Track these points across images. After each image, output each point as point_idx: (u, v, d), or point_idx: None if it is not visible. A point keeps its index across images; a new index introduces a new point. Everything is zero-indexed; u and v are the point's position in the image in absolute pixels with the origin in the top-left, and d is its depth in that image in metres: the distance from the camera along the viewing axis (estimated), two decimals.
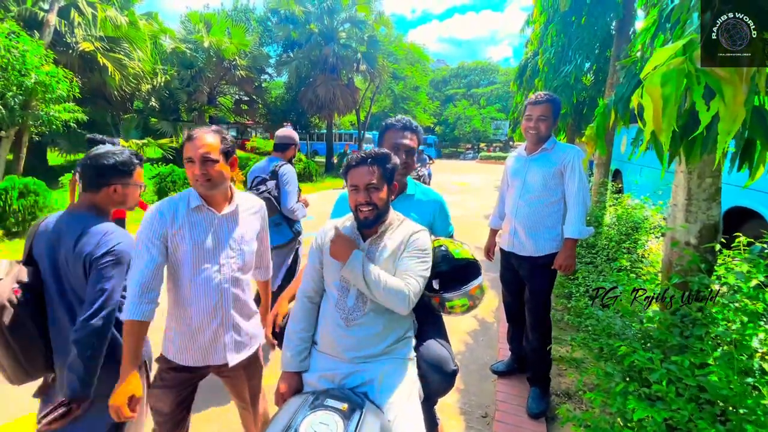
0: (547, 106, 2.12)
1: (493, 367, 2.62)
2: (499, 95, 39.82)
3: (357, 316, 1.29)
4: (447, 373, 1.34)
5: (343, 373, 1.26)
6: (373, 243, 1.34)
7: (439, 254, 1.45)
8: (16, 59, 5.93)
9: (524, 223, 2.21)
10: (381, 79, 18.19)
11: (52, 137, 10.63)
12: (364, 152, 1.31)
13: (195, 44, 14.57)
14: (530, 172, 2.21)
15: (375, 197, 1.28)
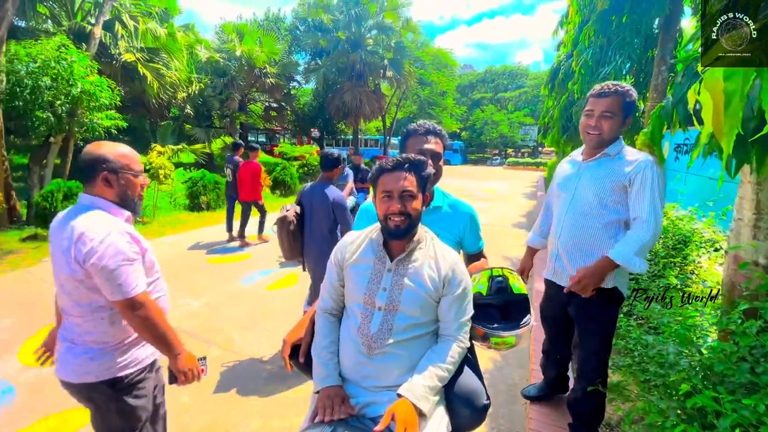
0: (615, 99, 1.61)
1: (524, 391, 2.35)
2: (528, 100, 38.93)
3: (380, 345, 1.17)
4: (478, 408, 1.21)
5: (363, 402, 1.16)
6: (401, 263, 1.22)
7: (495, 286, 1.34)
8: (65, 70, 6.27)
9: (567, 248, 1.77)
10: (407, 85, 18.16)
11: None
12: (399, 157, 1.21)
13: (228, 53, 15.07)
14: (582, 183, 1.74)
15: (409, 206, 1.18)
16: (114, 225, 1.24)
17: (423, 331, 1.22)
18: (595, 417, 1.85)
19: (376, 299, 1.20)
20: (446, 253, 1.26)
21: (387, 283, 1.20)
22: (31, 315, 3.34)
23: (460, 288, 1.22)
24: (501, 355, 2.93)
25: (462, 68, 42.46)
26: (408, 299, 1.18)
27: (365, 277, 1.22)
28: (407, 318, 1.18)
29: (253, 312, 3.54)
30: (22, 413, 2.16)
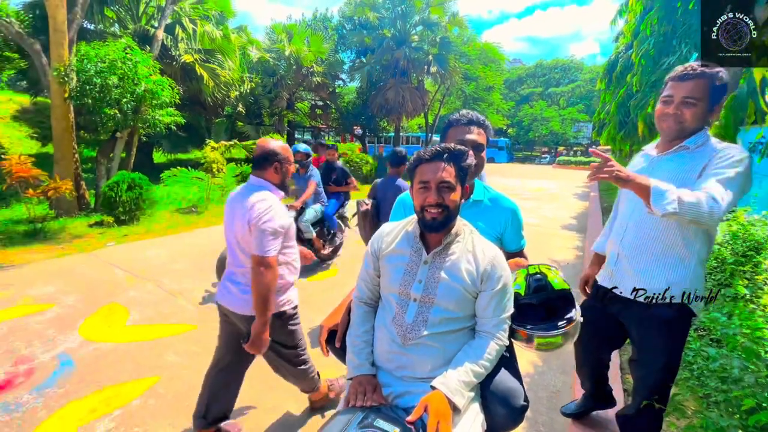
0: (700, 83, 1.37)
1: (563, 409, 2.18)
2: (582, 95, 36.77)
3: (415, 335, 1.16)
4: (515, 409, 1.15)
5: (396, 392, 1.15)
6: (438, 256, 1.19)
7: (533, 284, 1.27)
8: (130, 70, 6.81)
9: (631, 252, 1.56)
10: (452, 81, 17.86)
11: (157, 138, 12.11)
12: (438, 146, 1.17)
13: (277, 53, 15.64)
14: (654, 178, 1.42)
15: (447, 198, 1.14)
16: (276, 201, 1.70)
17: (459, 326, 1.19)
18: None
19: (411, 291, 1.18)
20: (486, 247, 1.21)
21: (423, 275, 1.18)
22: (93, 294, 3.68)
23: (499, 284, 1.17)
24: (542, 360, 2.80)
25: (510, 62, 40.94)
26: (444, 292, 1.16)
27: (401, 268, 1.21)
28: (442, 311, 1.16)
29: (299, 300, 3.65)
30: (79, 385, 2.37)
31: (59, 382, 2.38)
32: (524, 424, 2.12)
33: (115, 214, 6.37)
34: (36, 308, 3.33)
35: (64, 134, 6.83)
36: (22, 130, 11.90)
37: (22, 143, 11.31)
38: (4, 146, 10.48)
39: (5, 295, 3.58)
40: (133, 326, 3.08)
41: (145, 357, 2.66)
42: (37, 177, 5.78)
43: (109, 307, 3.41)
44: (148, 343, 2.84)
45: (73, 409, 2.15)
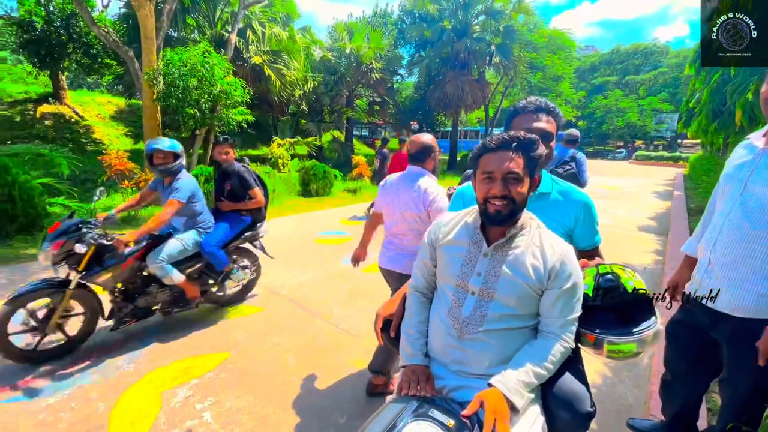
0: None
1: (631, 421, 1.98)
2: (666, 83, 33.05)
3: (472, 330, 1.12)
4: (580, 414, 1.06)
5: (451, 386, 1.12)
6: (500, 249, 1.13)
7: (604, 284, 1.17)
8: (208, 72, 7.43)
9: (723, 261, 1.37)
10: (515, 71, 17.04)
11: (230, 136, 13.11)
12: (506, 135, 1.10)
13: (338, 51, 16.08)
14: (759, 174, 1.30)
15: (514, 190, 1.07)
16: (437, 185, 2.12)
17: (520, 324, 1.13)
18: None
19: (469, 283, 1.14)
20: (555, 242, 1.13)
21: (482, 268, 1.13)
22: None
23: (569, 282, 1.09)
24: (612, 370, 2.58)
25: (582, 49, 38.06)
26: (504, 287, 1.10)
27: (459, 259, 1.17)
28: (502, 307, 1.10)
29: (351, 290, 3.76)
30: (163, 354, 2.65)
31: (146, 351, 2.69)
32: None
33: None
34: None
35: (153, 132, 7.65)
36: (118, 129, 13.55)
37: (119, 140, 12.89)
38: (104, 143, 12.01)
39: None
40: (205, 307, 3.37)
41: (219, 334, 2.90)
42: (131, 170, 6.56)
43: None
44: (221, 322, 3.09)
45: (158, 376, 2.41)
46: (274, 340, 2.82)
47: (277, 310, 3.32)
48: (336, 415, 2.09)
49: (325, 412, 2.11)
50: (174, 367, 2.51)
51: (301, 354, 2.65)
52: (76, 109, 12.43)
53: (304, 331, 2.97)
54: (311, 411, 2.11)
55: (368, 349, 2.74)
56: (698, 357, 1.58)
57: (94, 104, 14.11)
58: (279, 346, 2.74)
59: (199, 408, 2.12)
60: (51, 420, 2.02)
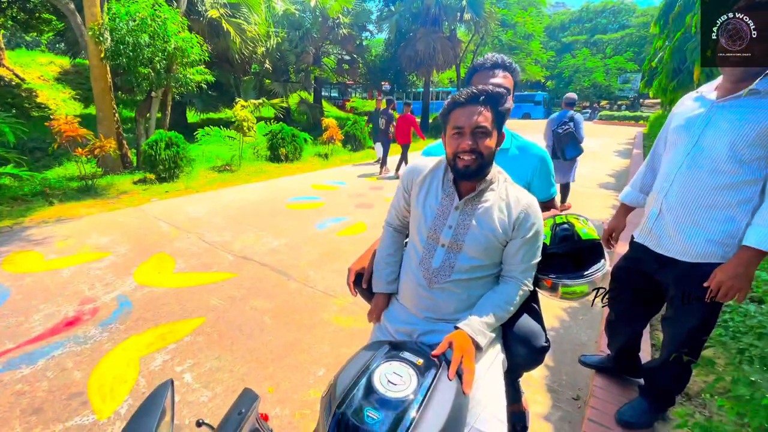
0: None
1: (582, 358, 2.18)
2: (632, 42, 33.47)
3: (441, 280, 1.19)
4: (536, 348, 1.20)
5: (421, 330, 1.21)
6: (470, 203, 1.18)
7: (560, 233, 1.27)
8: (160, 27, 6.83)
9: (676, 208, 1.44)
10: (487, 29, 16.70)
11: (189, 98, 12.32)
12: (476, 88, 1.10)
13: (303, 5, 15.10)
14: (711, 129, 1.35)
15: (482, 144, 1.09)
16: None
17: (485, 273, 1.21)
18: (675, 385, 1.65)
19: (440, 236, 1.19)
20: (520, 194, 1.19)
21: (453, 221, 1.18)
22: (143, 245, 3.98)
23: (532, 231, 1.17)
24: (569, 315, 2.82)
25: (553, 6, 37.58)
26: (472, 240, 1.16)
27: (432, 212, 1.21)
28: (470, 259, 1.18)
29: (325, 253, 3.81)
30: (138, 323, 2.63)
31: (120, 319, 2.67)
32: (547, 373, 2.19)
33: (156, 171, 6.69)
34: (94, 256, 3.66)
35: (104, 95, 7.08)
36: (65, 92, 12.40)
37: (66, 105, 11.84)
38: (50, 107, 11.03)
39: (67, 244, 3.95)
40: (179, 273, 3.34)
41: (193, 300, 2.91)
42: (84, 136, 6.10)
43: (158, 256, 3.69)
44: (195, 288, 3.09)
45: (134, 343, 2.42)
46: (251, 304, 2.86)
47: (251, 275, 3.33)
48: (315, 368, 2.20)
49: (305, 365, 2.21)
50: (149, 333, 2.52)
51: (278, 315, 2.72)
52: (16, 71, 11.21)
53: (279, 294, 3.02)
54: (291, 366, 2.21)
55: (345, 306, 2.84)
56: (639, 299, 1.72)
57: (36, 65, 12.75)
58: (255, 309, 2.79)
59: (179, 370, 2.17)
60: (28, 389, 2.01)
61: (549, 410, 1.94)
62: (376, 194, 6.43)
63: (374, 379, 0.93)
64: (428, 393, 0.91)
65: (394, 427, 0.83)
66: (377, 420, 0.84)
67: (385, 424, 0.84)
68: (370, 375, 0.94)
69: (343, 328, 2.57)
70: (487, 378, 1.09)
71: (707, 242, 1.38)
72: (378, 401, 0.88)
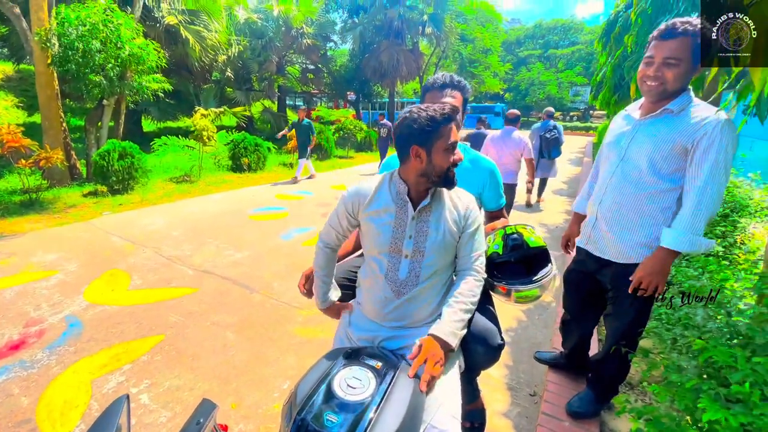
0: (683, 42, 1.32)
1: (537, 354, 2.31)
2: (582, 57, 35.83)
3: (409, 289, 1.25)
4: (492, 347, 1.28)
5: (383, 336, 1.26)
6: (423, 211, 1.25)
7: (510, 243, 1.37)
8: (113, 33, 6.55)
9: (608, 217, 1.59)
10: (448, 42, 17.33)
11: (145, 106, 11.80)
12: (442, 107, 1.17)
13: (265, 13, 14.99)
14: (635, 144, 1.51)
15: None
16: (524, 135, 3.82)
17: (444, 275, 1.30)
18: (617, 376, 1.81)
19: (402, 247, 1.25)
20: (460, 193, 1.31)
21: (412, 230, 1.24)
22: (94, 261, 3.77)
23: (475, 224, 1.29)
24: (526, 315, 2.97)
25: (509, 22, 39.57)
26: (432, 245, 1.24)
27: (389, 226, 1.25)
28: (432, 262, 1.25)
29: (290, 264, 3.78)
30: (89, 344, 2.49)
31: (69, 341, 2.51)
32: (506, 371, 2.30)
33: (108, 183, 6.35)
34: (40, 275, 3.43)
35: (50, 102, 6.67)
36: (7, 99, 11.54)
37: (8, 113, 11.01)
38: None
39: (9, 262, 3.66)
40: (135, 290, 3.19)
41: (150, 318, 2.79)
42: (28, 147, 5.71)
43: (111, 273, 3.51)
44: (152, 305, 2.97)
45: (85, 365, 2.29)
46: (212, 319, 2.79)
47: (212, 289, 3.25)
48: (279, 381, 2.18)
49: (269, 379, 2.19)
50: (102, 354, 2.39)
51: (241, 329, 2.67)
52: None
53: (242, 308, 2.96)
54: (254, 380, 2.18)
55: (310, 317, 2.84)
56: (588, 299, 1.86)
57: None
58: (217, 325, 2.73)
59: (135, 391, 2.08)
60: None
61: (508, 407, 2.04)
62: None
63: (334, 384, 0.97)
64: (386, 394, 0.96)
65: (353, 428, 0.87)
66: (336, 423, 0.88)
67: (344, 426, 0.88)
68: (329, 381, 0.98)
69: (308, 339, 2.57)
70: (445, 377, 1.16)
71: (636, 245, 1.53)
72: (338, 405, 0.92)
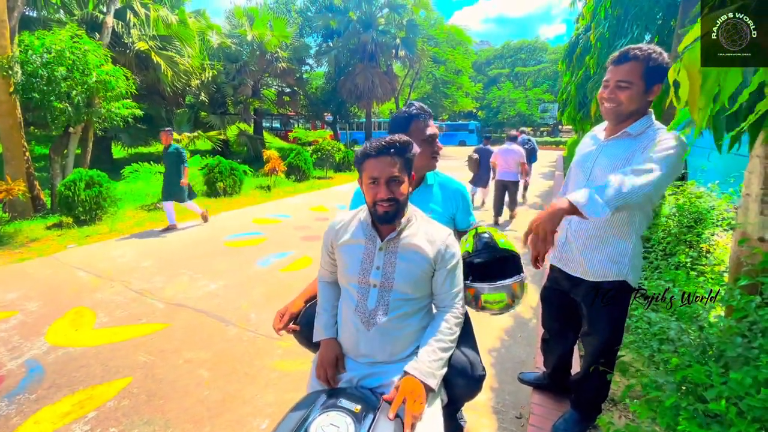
0: (634, 66, 1.39)
1: (521, 375, 2.29)
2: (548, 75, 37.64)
3: (378, 320, 1.23)
4: (473, 378, 1.26)
5: (362, 374, 1.22)
6: (392, 242, 1.26)
7: (481, 242, 1.37)
8: (80, 60, 6.40)
9: (577, 235, 1.62)
10: (420, 64, 17.89)
11: (115, 132, 11.50)
12: (384, 140, 1.19)
13: (239, 38, 15.06)
14: (598, 165, 1.55)
15: (397, 192, 1.19)
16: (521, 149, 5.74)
17: (417, 306, 1.27)
18: (598, 395, 1.80)
19: (370, 278, 1.25)
20: (436, 229, 1.30)
21: (380, 261, 1.24)
22: (57, 299, 3.55)
23: (453, 260, 1.27)
24: (508, 334, 2.97)
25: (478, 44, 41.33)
26: (401, 276, 1.23)
27: (358, 257, 1.26)
28: (401, 294, 1.23)
29: (268, 293, 3.67)
30: (50, 390, 2.31)
31: (30, 388, 2.32)
32: (491, 394, 2.27)
33: (74, 214, 6.08)
34: None
35: (12, 132, 6.40)
36: None
37: None
38: None
39: None
40: (101, 329, 3.01)
41: (117, 358, 2.63)
42: None
43: (76, 311, 3.31)
44: (119, 345, 2.79)
45: (47, 414, 2.12)
46: (184, 356, 2.65)
47: (185, 324, 3.10)
48: (258, 420, 2.07)
49: (246, 419, 2.07)
50: (65, 402, 2.22)
51: (216, 366, 2.54)
52: None
53: (217, 342, 2.83)
54: (230, 422, 2.06)
55: (290, 349, 2.73)
56: (566, 317, 1.86)
57: None
58: (190, 362, 2.59)
59: None
60: None
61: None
62: (321, 225, 6.38)
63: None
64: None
65: None
66: None
67: None
68: (306, 429, 0.93)
69: (288, 373, 2.47)
70: (426, 414, 1.12)
71: (604, 262, 1.55)
72: None
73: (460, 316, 1.28)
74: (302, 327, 1.43)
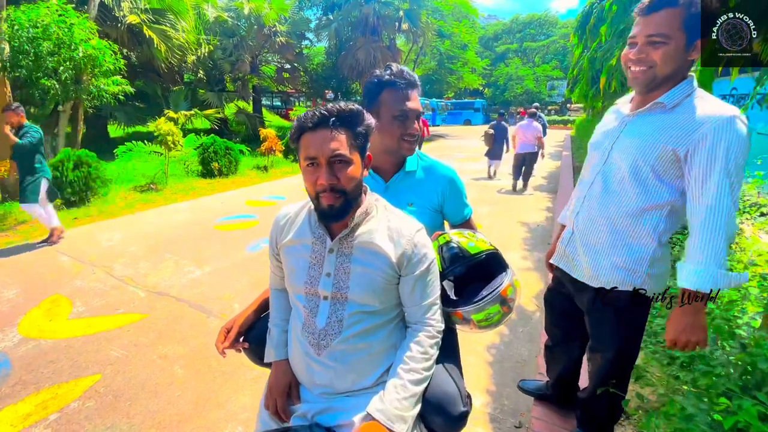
0: (671, 14, 1.04)
1: (521, 384, 2.01)
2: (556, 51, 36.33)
3: (330, 341, 0.97)
4: (453, 417, 1.00)
5: (317, 409, 0.99)
6: (345, 241, 0.99)
7: (449, 254, 1.10)
8: (66, 34, 6.07)
9: (584, 230, 1.32)
10: (425, 39, 17.15)
11: (110, 111, 11.19)
12: (325, 108, 0.91)
13: (236, 12, 14.47)
14: (619, 144, 1.23)
15: (343, 176, 0.91)
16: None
17: (380, 320, 1.01)
18: (608, 419, 1.51)
19: (319, 288, 0.99)
20: (404, 224, 1.01)
21: (331, 267, 0.98)
22: (36, 285, 3.38)
23: (424, 264, 0.99)
24: (508, 329, 2.75)
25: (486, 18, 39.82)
26: (357, 284, 0.97)
27: (305, 261, 1.00)
28: (359, 306, 0.98)
29: (255, 281, 3.47)
30: (15, 388, 2.16)
31: None
32: (488, 398, 2.07)
33: (62, 196, 5.88)
34: None
35: None
36: None
37: None
38: None
39: None
40: (75, 320, 2.84)
41: (88, 353, 2.45)
42: None
43: (52, 300, 3.14)
44: (92, 337, 2.62)
45: (8, 415, 1.96)
46: (159, 351, 2.47)
47: (165, 314, 2.91)
48: (231, 426, 1.89)
49: (218, 424, 1.90)
50: (28, 402, 2.06)
51: (191, 363, 2.36)
52: None
53: (196, 336, 2.64)
54: (201, 428, 1.88)
55: None
56: (570, 324, 1.59)
57: None
58: (165, 358, 2.40)
59: None
60: None
61: None
62: None
63: None
64: None
65: None
66: None
67: None
68: None
69: (265, 372, 2.26)
70: None
71: (613, 268, 1.25)
72: None
73: (436, 334, 1.02)
74: (252, 345, 1.21)
